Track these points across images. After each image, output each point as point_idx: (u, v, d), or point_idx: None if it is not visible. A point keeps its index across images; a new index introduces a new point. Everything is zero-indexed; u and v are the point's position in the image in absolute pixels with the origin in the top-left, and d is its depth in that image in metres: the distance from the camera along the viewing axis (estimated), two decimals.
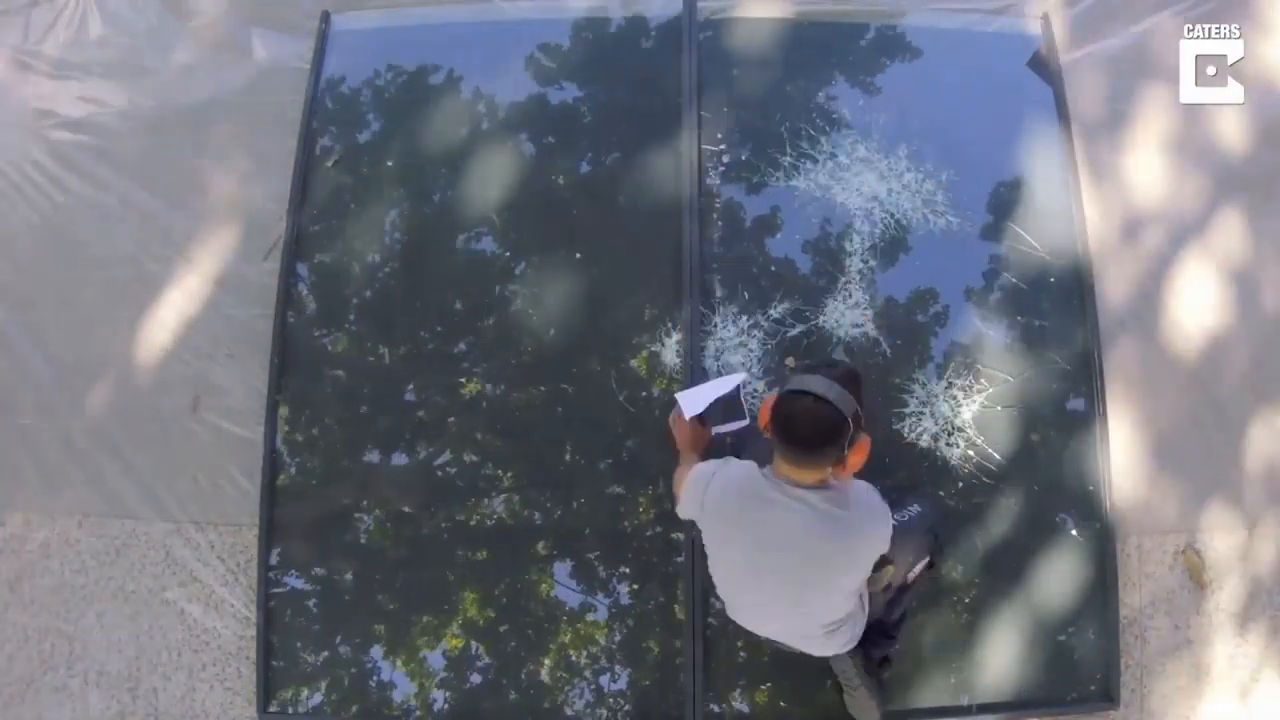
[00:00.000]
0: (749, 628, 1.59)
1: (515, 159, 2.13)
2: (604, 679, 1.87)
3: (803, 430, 1.29)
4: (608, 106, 2.17)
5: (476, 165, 2.13)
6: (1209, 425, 2.04)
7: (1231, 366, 2.07)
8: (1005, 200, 2.08)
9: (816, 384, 1.31)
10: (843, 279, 2.01)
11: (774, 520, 1.36)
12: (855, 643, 1.55)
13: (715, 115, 2.13)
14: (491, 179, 2.11)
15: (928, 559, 1.63)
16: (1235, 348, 2.08)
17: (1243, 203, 2.17)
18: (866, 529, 1.37)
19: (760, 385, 1.93)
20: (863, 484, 1.42)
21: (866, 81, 2.18)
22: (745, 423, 1.83)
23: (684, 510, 1.49)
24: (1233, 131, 2.22)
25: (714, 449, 1.74)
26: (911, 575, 1.61)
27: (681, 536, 1.88)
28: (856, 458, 1.34)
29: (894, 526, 1.41)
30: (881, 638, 1.67)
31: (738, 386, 1.78)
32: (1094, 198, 2.13)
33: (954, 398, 1.95)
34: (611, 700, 1.86)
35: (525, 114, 2.17)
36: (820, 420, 1.28)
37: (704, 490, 1.42)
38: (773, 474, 1.37)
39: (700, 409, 1.71)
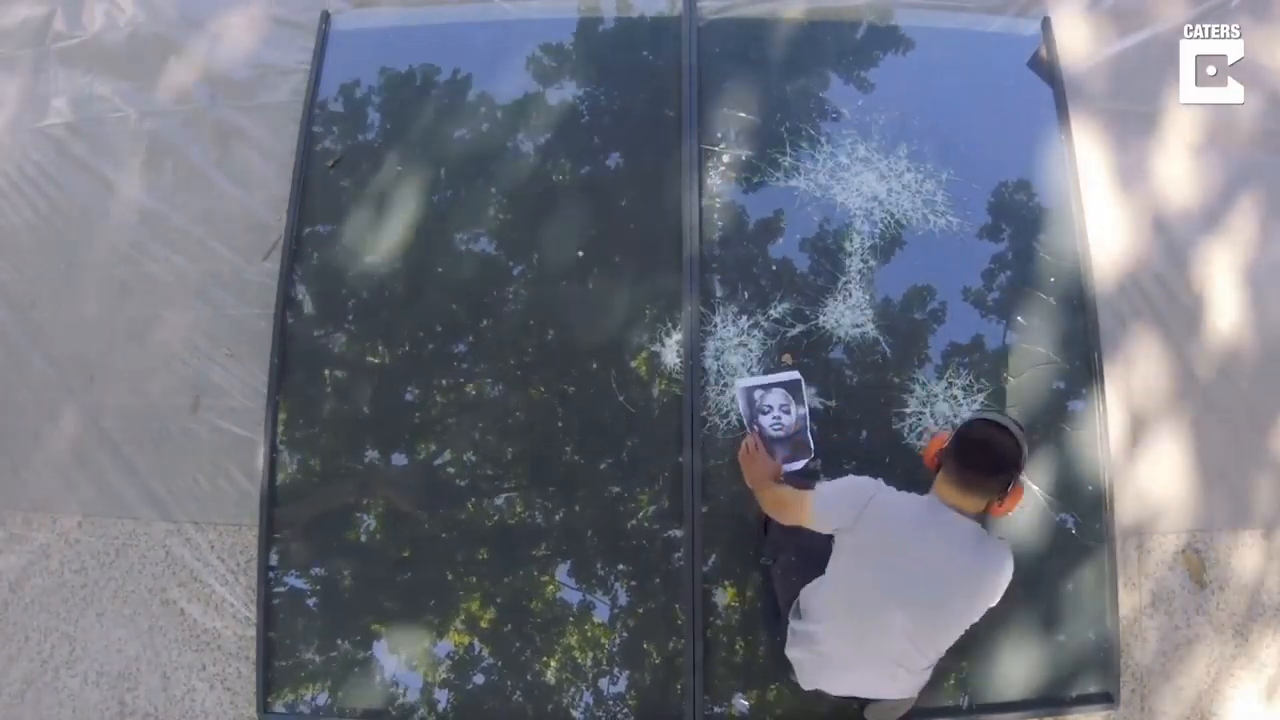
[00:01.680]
0: (832, 670, 1.57)
1: (515, 159, 2.13)
2: (604, 679, 1.87)
3: (989, 454, 1.42)
4: (608, 107, 2.17)
5: (476, 165, 2.13)
6: (1209, 425, 2.04)
7: (1231, 366, 2.07)
8: (1005, 200, 2.08)
9: (1003, 419, 1.49)
10: (843, 279, 2.01)
11: (936, 542, 1.44)
12: (929, 676, 1.59)
13: (715, 115, 2.13)
14: (491, 179, 2.11)
15: None
16: (1235, 347, 2.08)
17: (1243, 203, 2.17)
18: (1005, 563, 1.48)
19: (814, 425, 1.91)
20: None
21: (866, 81, 2.18)
22: (811, 459, 1.87)
23: (828, 520, 1.53)
24: (1233, 131, 2.22)
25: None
26: None
27: (680, 533, 1.88)
28: (1012, 500, 1.48)
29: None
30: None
31: (799, 382, 1.87)
32: (1094, 198, 2.13)
33: (954, 398, 1.95)
34: (612, 700, 1.86)
35: (525, 114, 2.17)
36: (1004, 447, 1.43)
37: (866, 503, 1.48)
38: (936, 500, 1.48)
39: (756, 382, 1.88)
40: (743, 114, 2.13)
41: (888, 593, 1.46)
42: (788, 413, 1.87)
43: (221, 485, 2.06)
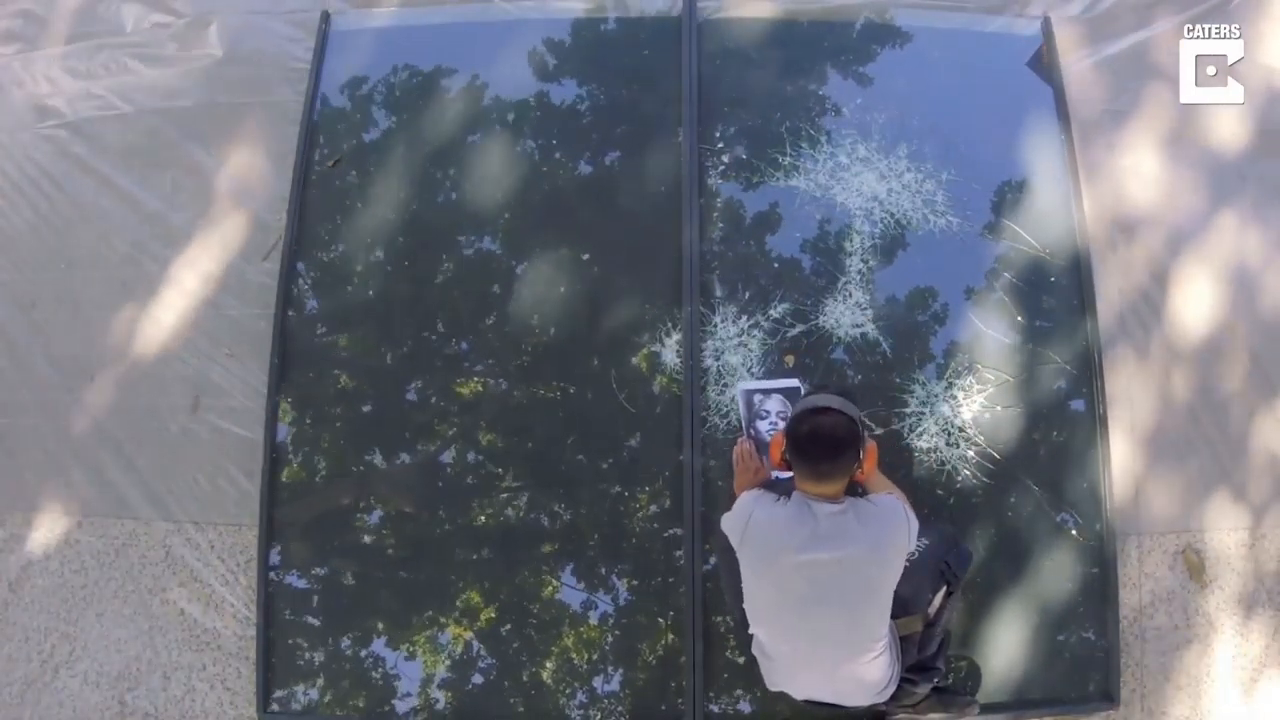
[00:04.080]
0: (794, 676, 1.58)
1: (515, 159, 2.13)
2: (603, 678, 1.87)
3: (823, 442, 1.44)
4: (608, 106, 2.17)
5: (476, 165, 2.13)
6: (1209, 425, 2.04)
7: (1231, 366, 2.07)
8: (1005, 200, 2.08)
9: (821, 400, 1.50)
10: (842, 279, 2.01)
11: (817, 535, 1.44)
12: (894, 686, 1.57)
13: (715, 115, 2.13)
14: (491, 179, 2.12)
15: (944, 588, 1.65)
16: (1235, 347, 2.08)
17: (1243, 203, 2.17)
18: (893, 514, 1.48)
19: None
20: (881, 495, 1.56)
21: (866, 81, 2.18)
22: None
23: (730, 537, 1.56)
24: (1233, 131, 2.22)
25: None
26: (933, 609, 1.65)
27: (680, 532, 1.88)
28: (870, 460, 1.53)
29: (906, 562, 1.49)
30: (925, 672, 1.67)
31: (798, 389, 1.88)
32: (1094, 198, 2.13)
33: (954, 398, 1.95)
34: (611, 700, 1.86)
35: (525, 114, 2.17)
36: (838, 427, 1.45)
37: (746, 521, 1.51)
38: (802, 497, 1.48)
39: (756, 386, 1.89)
40: (742, 113, 2.13)
41: (793, 597, 1.47)
42: (785, 419, 1.87)
43: (221, 485, 2.06)
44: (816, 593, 1.45)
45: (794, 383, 1.89)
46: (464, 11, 2.30)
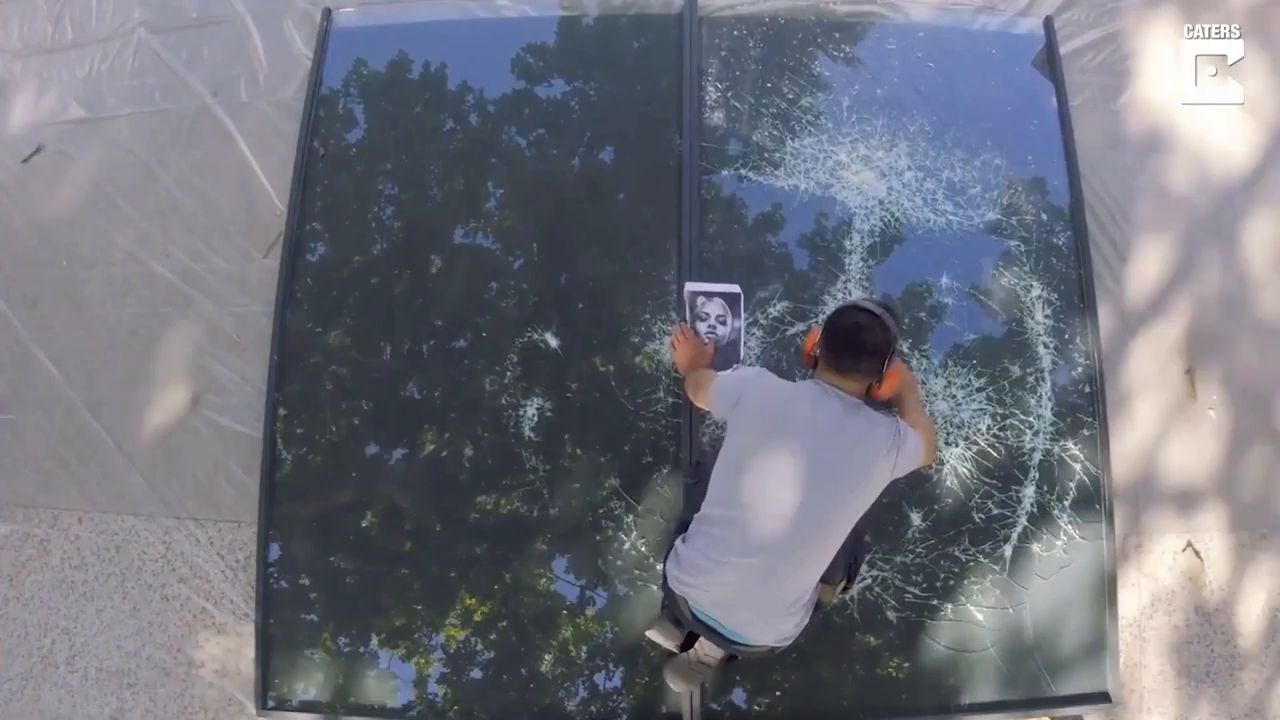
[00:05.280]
0: (710, 576, 1.48)
1: (515, 157, 2.14)
2: (603, 675, 1.87)
3: (855, 338, 1.44)
4: (607, 104, 2.18)
5: (477, 163, 2.13)
6: (1209, 425, 2.03)
7: (1232, 366, 2.07)
8: (1005, 199, 2.08)
9: (869, 303, 1.50)
10: (842, 277, 2.01)
11: (815, 411, 1.44)
12: (795, 635, 1.53)
13: (715, 113, 2.13)
14: (492, 177, 2.12)
15: (844, 581, 1.63)
16: (1235, 348, 2.08)
17: (1243, 203, 2.17)
18: (892, 426, 1.46)
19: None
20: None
21: (867, 80, 2.18)
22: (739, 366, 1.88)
23: (719, 403, 1.55)
24: (1233, 131, 2.22)
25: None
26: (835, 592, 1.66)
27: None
28: (891, 381, 1.50)
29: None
30: None
31: (739, 295, 1.89)
32: (1094, 198, 2.13)
33: (954, 397, 1.95)
34: (611, 696, 1.86)
35: (526, 112, 2.17)
36: (870, 330, 1.44)
37: (746, 386, 1.51)
38: (817, 381, 1.49)
39: (699, 288, 1.90)
40: (743, 111, 2.14)
41: (771, 469, 1.43)
42: (724, 324, 1.89)
43: (221, 482, 2.06)
44: (793, 468, 1.42)
45: (734, 288, 1.89)
46: (464, 9, 2.31)
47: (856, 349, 1.44)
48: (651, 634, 1.72)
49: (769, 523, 1.43)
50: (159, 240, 2.24)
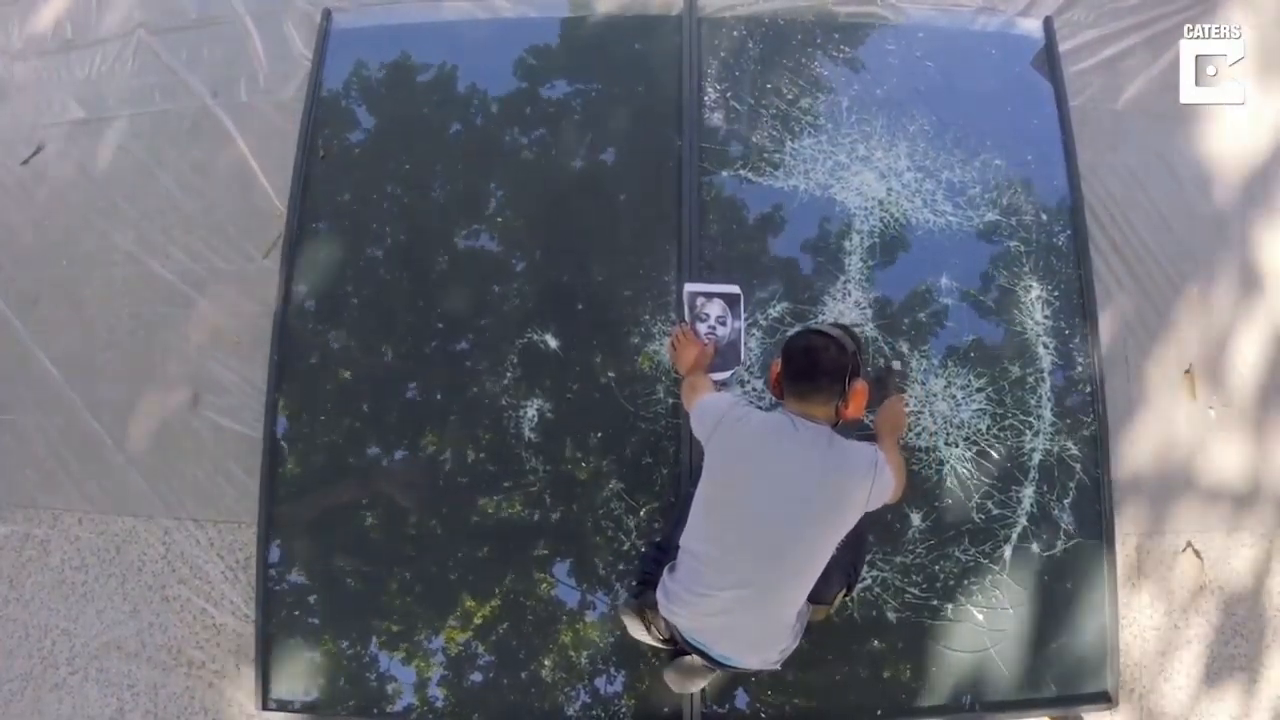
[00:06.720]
0: (697, 605, 1.49)
1: (515, 157, 2.14)
2: (603, 678, 1.87)
3: (811, 359, 1.46)
4: (607, 105, 2.17)
5: (477, 163, 2.13)
6: (1209, 425, 2.03)
7: (1232, 366, 2.07)
8: (1005, 200, 2.08)
9: (824, 325, 1.56)
10: (842, 278, 2.01)
11: (786, 444, 1.44)
12: (782, 660, 1.55)
13: (715, 113, 2.13)
14: (492, 177, 2.12)
15: (844, 589, 1.65)
16: (1235, 348, 2.08)
17: (1243, 203, 2.17)
18: (862, 456, 1.46)
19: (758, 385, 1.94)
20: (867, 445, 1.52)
21: (867, 80, 2.18)
22: (739, 367, 1.93)
23: (697, 425, 1.56)
24: (1233, 131, 2.22)
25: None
26: (834, 606, 1.69)
27: None
28: (856, 402, 1.50)
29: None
30: None
31: (738, 296, 1.92)
32: (1094, 198, 2.14)
33: (953, 397, 1.95)
34: (611, 698, 1.86)
35: (526, 112, 2.17)
36: (825, 350, 1.46)
37: (720, 417, 1.51)
38: (784, 411, 1.50)
39: (699, 289, 1.93)
40: (742, 111, 2.14)
41: (744, 503, 1.44)
42: (724, 324, 1.93)
43: (221, 482, 2.06)
44: (765, 502, 1.43)
45: (734, 288, 1.92)
46: (464, 9, 2.31)
47: (812, 370, 1.46)
48: (625, 621, 1.71)
49: (745, 557, 1.45)
50: (159, 240, 2.24)
